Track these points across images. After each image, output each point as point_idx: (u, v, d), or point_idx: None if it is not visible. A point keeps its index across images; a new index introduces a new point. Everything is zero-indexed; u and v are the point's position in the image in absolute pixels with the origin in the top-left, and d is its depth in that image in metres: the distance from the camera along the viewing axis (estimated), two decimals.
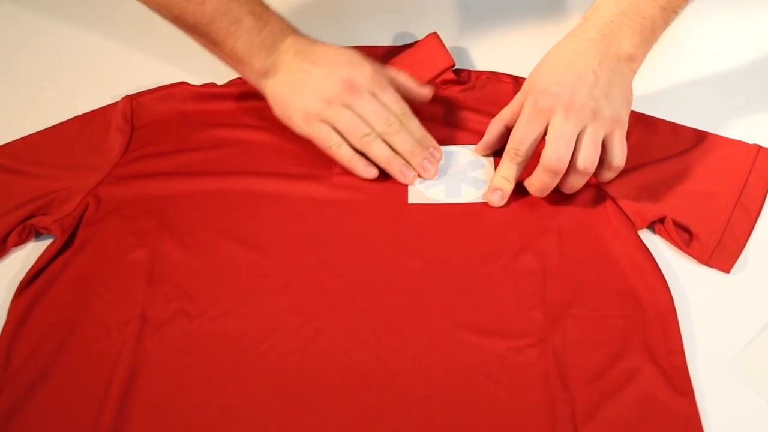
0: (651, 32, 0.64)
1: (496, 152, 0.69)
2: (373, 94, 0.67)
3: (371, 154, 0.67)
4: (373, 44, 0.78)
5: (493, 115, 0.69)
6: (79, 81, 0.79)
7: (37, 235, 0.67)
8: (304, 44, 0.68)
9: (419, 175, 0.68)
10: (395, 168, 0.67)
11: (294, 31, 0.69)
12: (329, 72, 0.66)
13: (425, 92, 0.71)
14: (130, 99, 0.73)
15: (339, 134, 0.66)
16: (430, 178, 0.68)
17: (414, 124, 0.68)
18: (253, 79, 0.69)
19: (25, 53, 0.83)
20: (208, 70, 0.73)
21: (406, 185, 0.68)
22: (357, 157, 0.67)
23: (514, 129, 0.65)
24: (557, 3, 0.86)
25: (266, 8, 0.68)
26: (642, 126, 0.71)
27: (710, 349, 0.59)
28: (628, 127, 0.65)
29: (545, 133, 0.63)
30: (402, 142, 0.67)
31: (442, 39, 0.76)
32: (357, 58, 0.68)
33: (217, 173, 0.69)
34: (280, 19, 0.69)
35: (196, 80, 0.75)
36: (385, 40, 0.81)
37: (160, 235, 0.65)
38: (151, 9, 0.67)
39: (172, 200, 0.67)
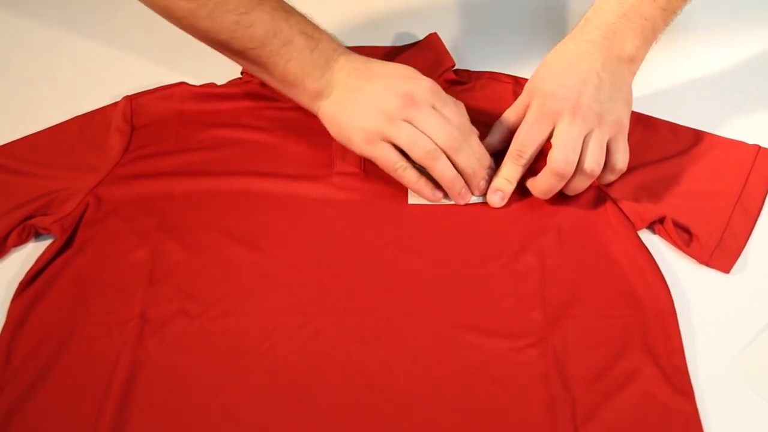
0: (651, 33, 0.64)
1: (496, 153, 0.70)
2: (434, 107, 0.64)
3: (436, 172, 0.64)
4: (373, 44, 0.78)
5: (493, 116, 0.69)
6: (79, 81, 0.79)
7: (37, 235, 0.67)
8: (358, 62, 0.65)
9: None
10: (456, 189, 0.65)
11: (346, 50, 0.66)
12: (386, 87, 0.63)
13: (474, 130, 0.67)
14: (130, 99, 0.73)
15: (401, 152, 0.64)
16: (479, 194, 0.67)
17: (474, 140, 0.65)
18: (306, 102, 0.66)
19: (25, 53, 0.82)
20: (208, 70, 0.73)
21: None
22: (423, 181, 0.65)
23: (518, 131, 0.65)
24: (557, 3, 0.86)
25: (316, 27, 0.66)
26: (641, 126, 0.71)
27: (710, 349, 0.59)
28: (628, 128, 0.65)
29: (550, 136, 0.63)
30: (466, 160, 0.64)
31: (442, 39, 0.76)
32: (414, 72, 0.65)
33: (217, 173, 0.69)
34: (331, 38, 0.66)
35: (196, 80, 0.75)
36: (385, 40, 0.81)
37: (161, 235, 0.65)
38: (196, 37, 0.65)
39: (173, 200, 0.67)
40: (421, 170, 0.65)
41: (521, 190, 0.66)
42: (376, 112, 0.63)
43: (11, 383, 0.58)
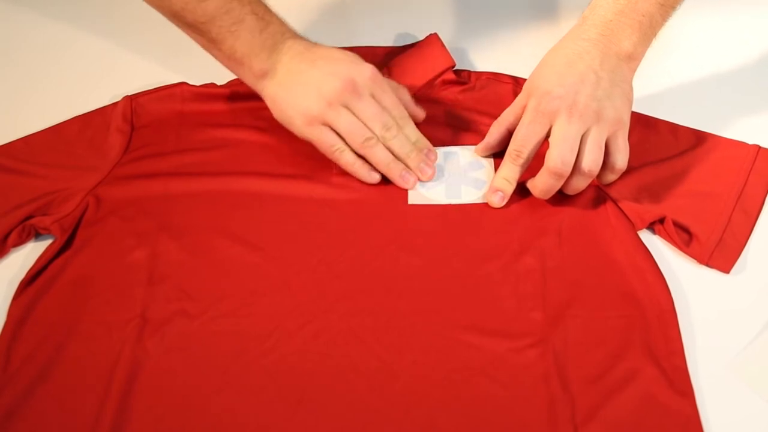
0: (650, 30, 0.64)
1: (496, 153, 0.70)
2: (373, 95, 0.66)
3: (373, 159, 0.67)
4: (373, 44, 0.78)
5: (493, 116, 0.69)
6: (79, 81, 0.79)
7: (37, 235, 0.67)
8: (305, 46, 0.68)
9: (418, 179, 0.68)
10: (395, 173, 0.67)
11: (295, 34, 0.68)
12: (329, 71, 0.66)
13: (419, 112, 0.71)
14: (130, 99, 0.73)
15: (340, 137, 0.66)
16: (428, 180, 0.68)
17: (410, 127, 0.68)
18: (251, 81, 0.68)
19: (25, 53, 0.83)
20: (207, 70, 0.73)
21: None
22: (360, 163, 0.67)
23: (516, 131, 0.65)
24: (556, 3, 0.86)
25: (267, 9, 0.67)
26: (641, 126, 0.71)
27: (710, 349, 0.59)
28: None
29: (548, 135, 0.63)
30: (400, 146, 0.67)
31: (442, 39, 0.76)
32: (357, 59, 0.68)
33: (216, 173, 0.69)
34: (281, 22, 0.68)
35: (196, 80, 0.75)
36: (386, 40, 0.81)
37: (160, 236, 0.65)
38: (150, 4, 0.66)
39: (172, 200, 0.67)
40: None
41: (521, 190, 0.66)
42: (316, 96, 0.65)
43: (11, 383, 0.58)
